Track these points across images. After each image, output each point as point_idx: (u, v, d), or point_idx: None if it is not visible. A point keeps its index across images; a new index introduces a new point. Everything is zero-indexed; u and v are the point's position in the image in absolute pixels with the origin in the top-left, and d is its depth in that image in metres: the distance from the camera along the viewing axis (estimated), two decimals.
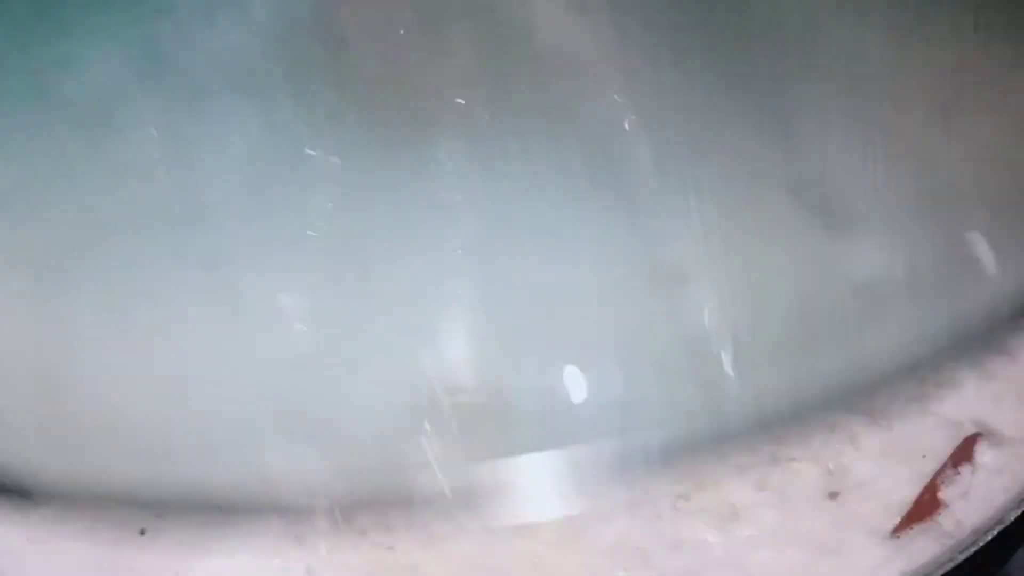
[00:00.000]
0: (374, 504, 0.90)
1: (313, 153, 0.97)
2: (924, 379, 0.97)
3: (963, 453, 0.93)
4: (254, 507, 0.90)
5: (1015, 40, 1.05)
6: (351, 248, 0.96)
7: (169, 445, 0.93)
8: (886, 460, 0.93)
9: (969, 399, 0.96)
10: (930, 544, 0.88)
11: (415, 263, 0.95)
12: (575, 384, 0.94)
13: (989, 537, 0.84)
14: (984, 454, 0.92)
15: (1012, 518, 0.85)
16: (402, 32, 1.00)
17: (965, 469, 0.92)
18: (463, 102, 0.98)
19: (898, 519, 0.90)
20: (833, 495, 0.91)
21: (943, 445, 0.94)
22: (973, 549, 0.84)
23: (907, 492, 0.91)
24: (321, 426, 0.93)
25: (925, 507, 0.90)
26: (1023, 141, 1.05)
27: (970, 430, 0.94)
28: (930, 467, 0.92)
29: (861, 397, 0.92)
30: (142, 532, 0.90)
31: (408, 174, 0.98)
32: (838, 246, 0.98)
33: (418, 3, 1.02)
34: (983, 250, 0.98)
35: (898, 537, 0.89)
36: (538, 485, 0.91)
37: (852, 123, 1.00)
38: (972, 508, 0.90)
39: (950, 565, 0.83)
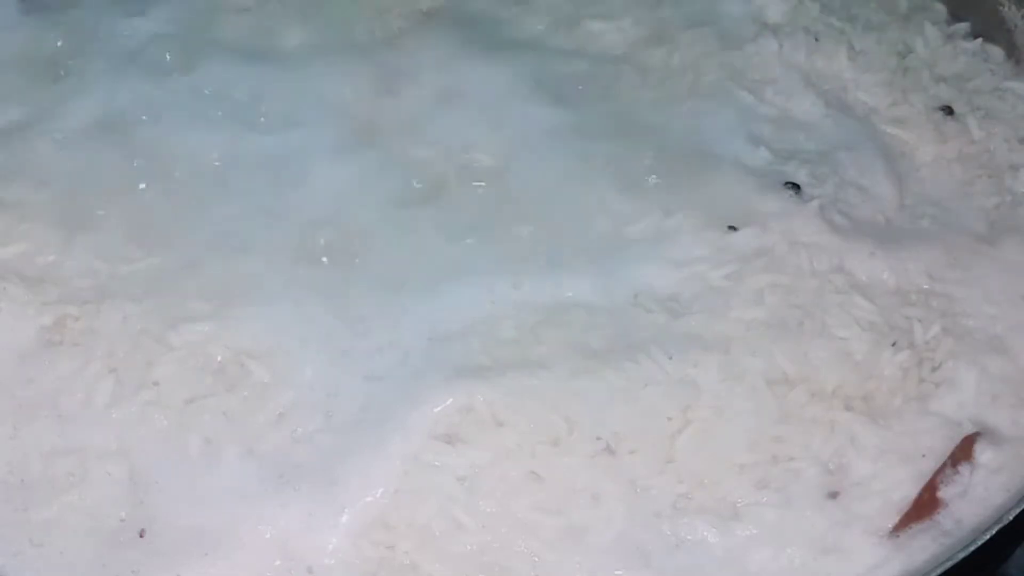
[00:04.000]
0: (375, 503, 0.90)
1: None
2: (924, 379, 0.98)
3: (962, 452, 0.93)
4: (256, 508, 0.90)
5: None
6: None
7: None
8: (886, 459, 0.93)
9: (968, 399, 0.97)
10: (929, 543, 0.89)
11: None
12: None
13: (988, 536, 0.84)
14: (983, 453, 0.92)
15: (1011, 517, 0.85)
16: None
17: (964, 468, 0.92)
18: None
19: (898, 518, 0.90)
20: (833, 494, 0.91)
21: (942, 445, 0.94)
22: (972, 548, 0.83)
23: (907, 491, 0.91)
24: None
25: (925, 506, 0.90)
26: None
27: (969, 430, 0.94)
28: (929, 466, 0.92)
29: None
30: (141, 533, 0.90)
31: None
32: None
33: None
34: None
35: (898, 536, 0.89)
36: None
37: None
38: (971, 507, 0.90)
39: (949, 564, 0.83)
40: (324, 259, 1.05)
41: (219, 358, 0.97)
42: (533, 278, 1.02)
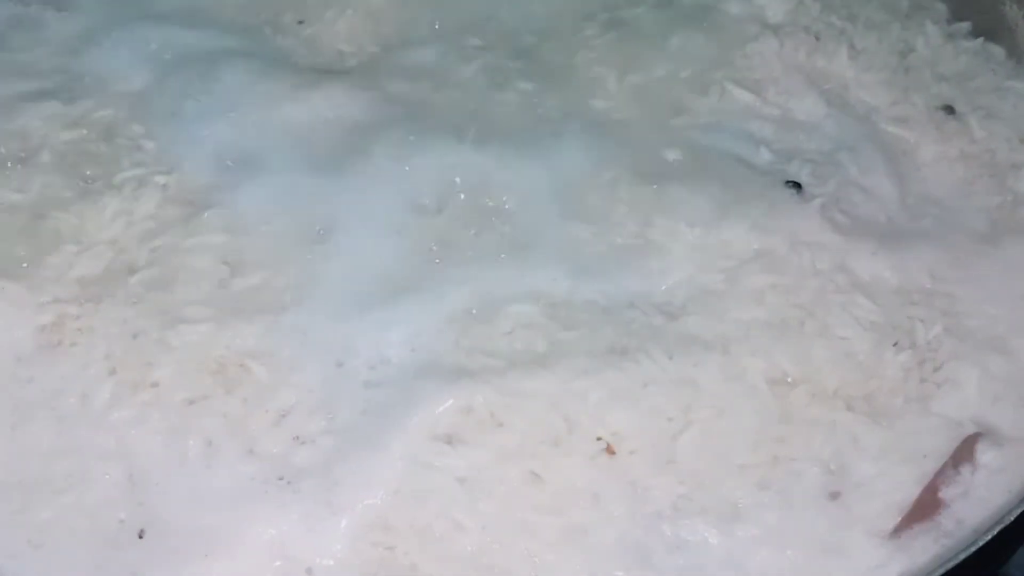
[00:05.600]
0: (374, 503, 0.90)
1: None
2: (925, 379, 0.98)
3: (964, 453, 0.93)
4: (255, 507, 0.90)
5: None
6: None
7: None
8: (887, 460, 0.93)
9: (970, 399, 0.97)
10: (931, 544, 0.88)
11: None
12: None
13: (989, 536, 0.84)
14: (984, 454, 0.92)
15: (1012, 517, 0.85)
16: None
17: (966, 469, 0.92)
18: None
19: (899, 519, 0.90)
20: (834, 495, 0.91)
21: (944, 445, 0.94)
22: (973, 548, 0.83)
23: (908, 492, 0.91)
24: None
25: (926, 507, 0.90)
26: None
27: (971, 430, 0.94)
28: (931, 467, 0.92)
29: None
30: (140, 534, 0.90)
31: None
32: None
33: None
34: None
35: (899, 537, 0.89)
36: None
37: None
38: (972, 507, 0.90)
39: (950, 564, 0.83)
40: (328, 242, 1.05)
41: (219, 359, 0.97)
42: (533, 278, 1.02)
